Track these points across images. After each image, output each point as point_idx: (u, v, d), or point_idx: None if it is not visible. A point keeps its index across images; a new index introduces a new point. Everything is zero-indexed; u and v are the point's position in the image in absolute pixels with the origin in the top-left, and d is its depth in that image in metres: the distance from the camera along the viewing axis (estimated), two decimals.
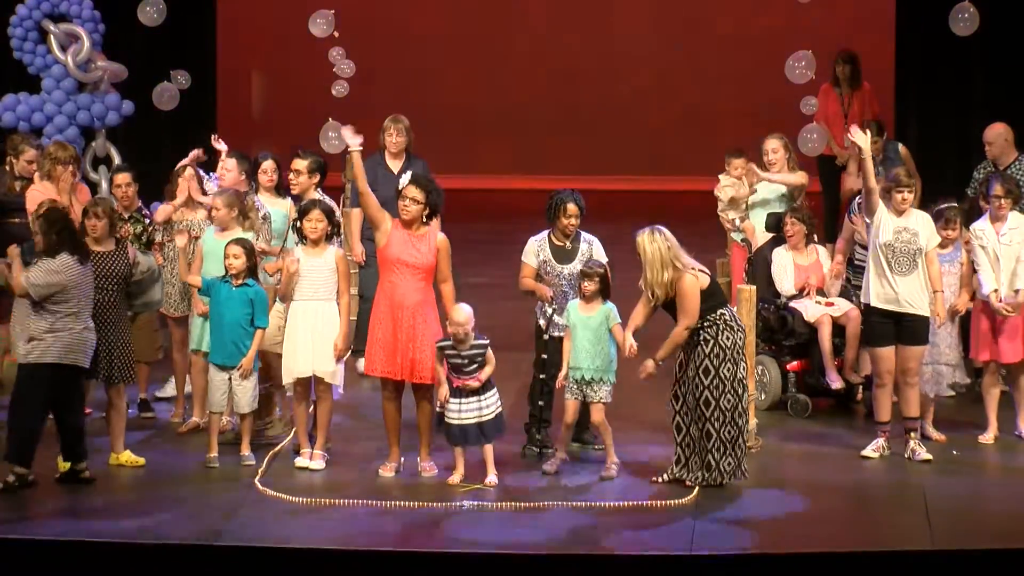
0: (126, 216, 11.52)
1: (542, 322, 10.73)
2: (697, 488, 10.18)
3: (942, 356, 11.08)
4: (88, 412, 11.01)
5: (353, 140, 10.63)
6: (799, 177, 12.94)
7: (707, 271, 10.30)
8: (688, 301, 10.04)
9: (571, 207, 10.63)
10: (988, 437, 11.20)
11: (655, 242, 10.07)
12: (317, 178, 11.49)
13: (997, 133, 12.49)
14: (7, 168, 12.02)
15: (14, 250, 10.36)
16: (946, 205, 11.20)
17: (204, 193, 11.74)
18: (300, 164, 11.59)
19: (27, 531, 9.63)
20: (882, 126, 13.88)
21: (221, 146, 12.15)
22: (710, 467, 10.19)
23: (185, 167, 11.77)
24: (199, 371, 11.07)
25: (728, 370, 10.21)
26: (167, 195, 11.89)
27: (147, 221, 11.81)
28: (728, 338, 10.23)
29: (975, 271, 11.38)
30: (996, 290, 11.25)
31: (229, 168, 11.77)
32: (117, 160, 13.33)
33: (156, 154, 12.03)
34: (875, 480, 10.70)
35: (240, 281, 10.58)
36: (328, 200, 11.37)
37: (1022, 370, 11.38)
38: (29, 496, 10.18)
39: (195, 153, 11.87)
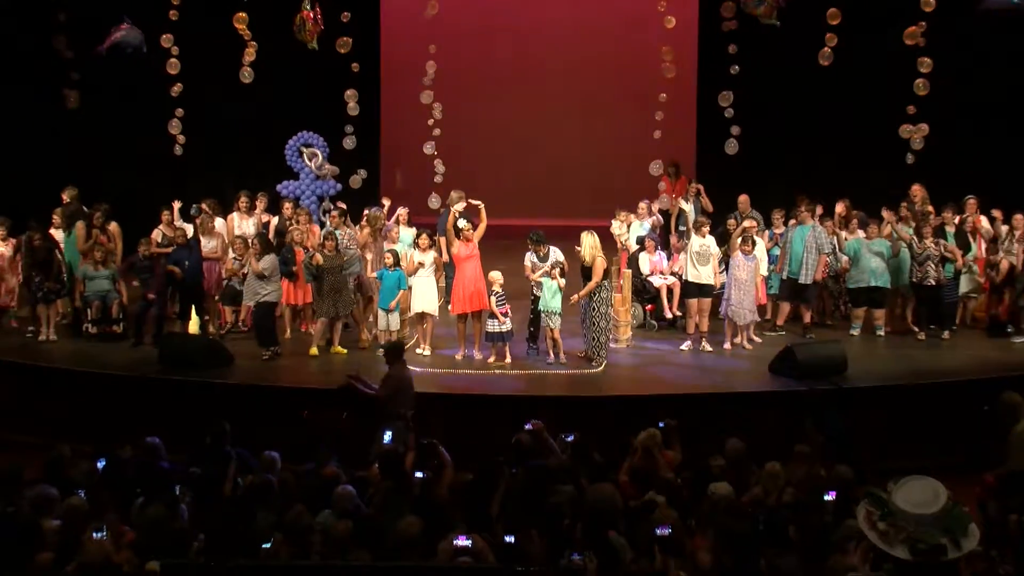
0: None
1: (536, 292, 10.55)
2: (603, 366, 10.12)
3: (747, 303, 10.72)
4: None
5: (458, 205, 10.60)
6: (660, 217, 12.77)
7: (604, 259, 10.29)
8: (597, 273, 10.04)
9: (531, 244, 10.36)
10: (733, 342, 10.93)
11: (590, 236, 10.13)
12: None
13: (744, 199, 12.13)
14: (284, 213, 11.97)
15: (253, 249, 10.50)
16: (747, 234, 10.88)
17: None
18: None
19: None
20: (678, 164, 13.72)
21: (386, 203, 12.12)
22: (600, 354, 10.15)
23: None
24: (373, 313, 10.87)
25: (607, 307, 10.28)
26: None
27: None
28: (608, 292, 10.29)
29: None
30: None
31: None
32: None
33: (355, 212, 12.01)
34: (685, 360, 10.61)
35: (392, 268, 10.43)
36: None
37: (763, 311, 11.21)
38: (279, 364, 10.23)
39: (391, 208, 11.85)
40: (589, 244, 10.14)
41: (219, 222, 11.67)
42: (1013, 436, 6.84)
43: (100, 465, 6.79)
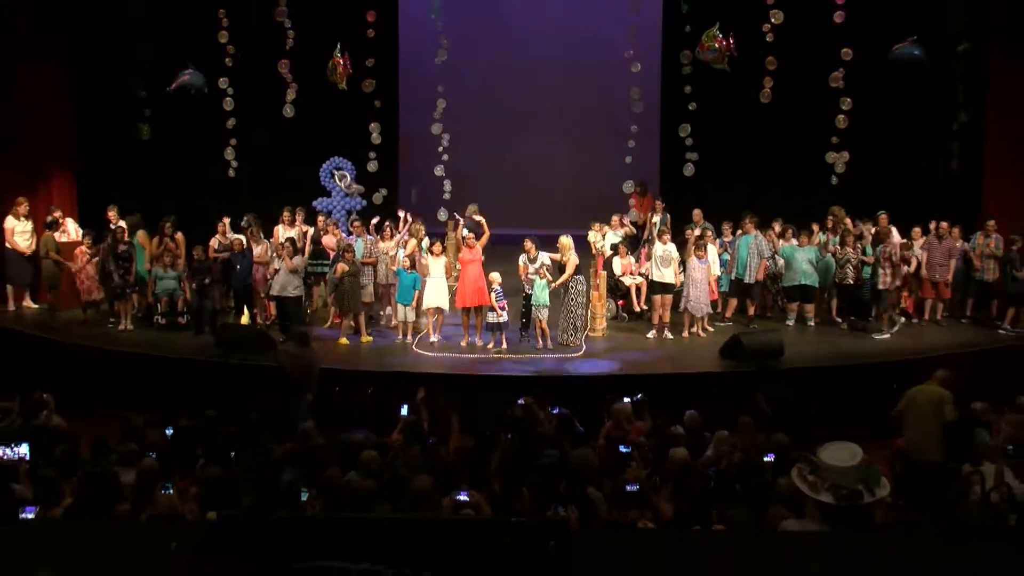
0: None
1: (528, 289, 10.49)
2: (582, 349, 10.12)
3: (702, 298, 10.71)
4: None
5: (457, 219, 10.53)
6: (631, 227, 12.63)
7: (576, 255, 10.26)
8: (571, 267, 10.12)
9: (526, 244, 10.30)
10: (691, 331, 10.86)
11: (567, 238, 10.20)
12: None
13: (698, 213, 12.08)
14: (318, 224, 12.00)
15: (285, 250, 10.45)
16: (702, 240, 10.86)
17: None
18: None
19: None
20: (644, 184, 13.38)
21: (402, 214, 11.77)
22: (575, 335, 10.17)
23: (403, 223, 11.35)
24: (395, 306, 10.77)
25: (583, 298, 10.28)
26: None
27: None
28: (584, 286, 10.27)
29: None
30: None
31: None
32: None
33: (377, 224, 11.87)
34: (651, 345, 10.56)
35: (410, 271, 10.43)
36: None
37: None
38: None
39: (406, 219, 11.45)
40: (565, 245, 10.18)
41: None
42: (907, 394, 7.15)
43: (168, 433, 6.77)
